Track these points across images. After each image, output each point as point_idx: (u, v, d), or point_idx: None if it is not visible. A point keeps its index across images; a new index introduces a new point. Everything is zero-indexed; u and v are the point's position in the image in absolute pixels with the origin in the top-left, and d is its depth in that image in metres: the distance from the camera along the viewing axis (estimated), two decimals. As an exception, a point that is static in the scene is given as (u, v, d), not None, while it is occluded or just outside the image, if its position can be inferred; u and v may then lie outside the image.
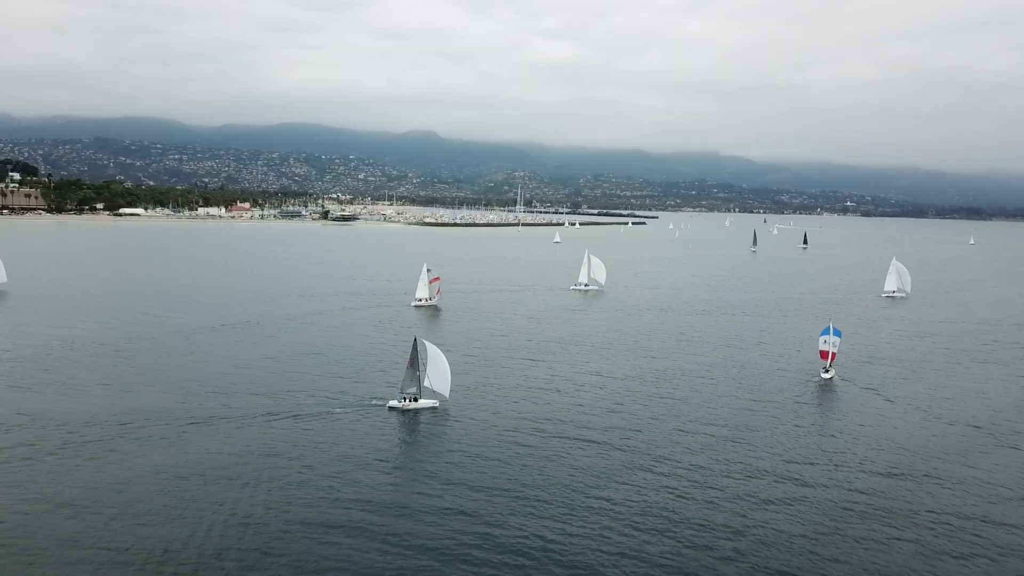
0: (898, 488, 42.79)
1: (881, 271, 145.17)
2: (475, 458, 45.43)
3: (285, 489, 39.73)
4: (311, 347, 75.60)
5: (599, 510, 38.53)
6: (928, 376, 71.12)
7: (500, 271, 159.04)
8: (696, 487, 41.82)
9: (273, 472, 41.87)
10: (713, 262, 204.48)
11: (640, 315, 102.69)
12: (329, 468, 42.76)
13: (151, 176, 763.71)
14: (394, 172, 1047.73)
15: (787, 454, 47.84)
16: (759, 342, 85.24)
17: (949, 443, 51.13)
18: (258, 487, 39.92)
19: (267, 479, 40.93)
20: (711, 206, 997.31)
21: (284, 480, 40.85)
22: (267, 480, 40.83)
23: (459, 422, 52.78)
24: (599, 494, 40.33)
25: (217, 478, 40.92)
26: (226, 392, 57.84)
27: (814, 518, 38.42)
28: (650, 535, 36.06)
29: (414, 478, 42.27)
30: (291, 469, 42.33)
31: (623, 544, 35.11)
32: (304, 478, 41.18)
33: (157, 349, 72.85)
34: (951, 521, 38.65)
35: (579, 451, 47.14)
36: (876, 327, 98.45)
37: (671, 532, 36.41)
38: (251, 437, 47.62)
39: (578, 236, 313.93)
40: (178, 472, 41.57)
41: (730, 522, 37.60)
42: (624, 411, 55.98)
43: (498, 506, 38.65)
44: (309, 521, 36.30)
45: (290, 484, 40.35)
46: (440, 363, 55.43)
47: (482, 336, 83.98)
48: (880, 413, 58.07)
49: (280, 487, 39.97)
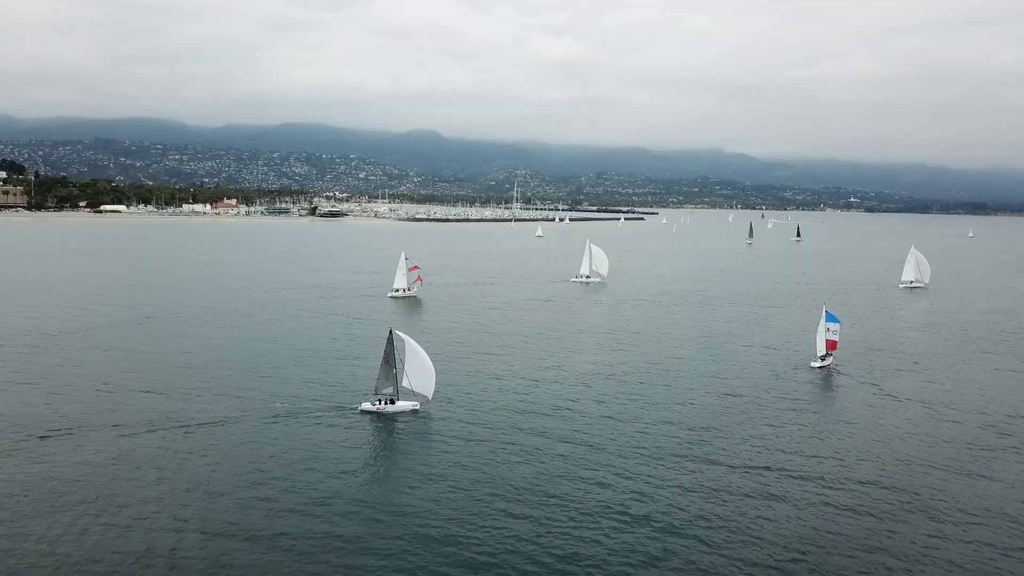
0: (891, 488, 38.91)
1: (872, 259, 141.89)
2: (460, 469, 39.49)
3: (218, 499, 35.05)
4: (269, 343, 70.17)
5: (610, 539, 33.89)
6: (939, 368, 67.21)
7: (481, 263, 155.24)
8: (697, 483, 38.52)
9: (210, 483, 36.88)
10: (709, 254, 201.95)
11: (637, 308, 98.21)
12: (280, 483, 37.08)
13: (151, 176, 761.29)
14: (395, 171, 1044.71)
15: (787, 448, 44.21)
16: (754, 332, 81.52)
17: (961, 440, 47.18)
18: (191, 496, 35.35)
19: (203, 490, 36.10)
20: (713, 203, 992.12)
21: (223, 491, 35.91)
22: (203, 490, 35.97)
23: (442, 428, 46.16)
24: (610, 511, 34.97)
25: (148, 486, 36.57)
26: (164, 393, 52.35)
27: (805, 512, 34.75)
28: (656, 535, 32.90)
29: (382, 498, 35.92)
30: (230, 481, 37.30)
31: (628, 548, 31.52)
32: (246, 493, 35.83)
33: (77, 344, 67.78)
34: (969, 519, 34.76)
35: (585, 460, 41.02)
36: (893, 318, 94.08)
37: (670, 531, 33.17)
38: (191, 445, 42.31)
39: (564, 231, 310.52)
40: (112, 476, 37.64)
41: (728, 515, 34.70)
42: (622, 407, 51.55)
43: (488, 533, 32.46)
44: (256, 534, 31.90)
45: (219, 494, 35.62)
46: (421, 360, 49.34)
47: (466, 329, 79.30)
48: (893, 407, 54.16)
49: (218, 498, 35.17)
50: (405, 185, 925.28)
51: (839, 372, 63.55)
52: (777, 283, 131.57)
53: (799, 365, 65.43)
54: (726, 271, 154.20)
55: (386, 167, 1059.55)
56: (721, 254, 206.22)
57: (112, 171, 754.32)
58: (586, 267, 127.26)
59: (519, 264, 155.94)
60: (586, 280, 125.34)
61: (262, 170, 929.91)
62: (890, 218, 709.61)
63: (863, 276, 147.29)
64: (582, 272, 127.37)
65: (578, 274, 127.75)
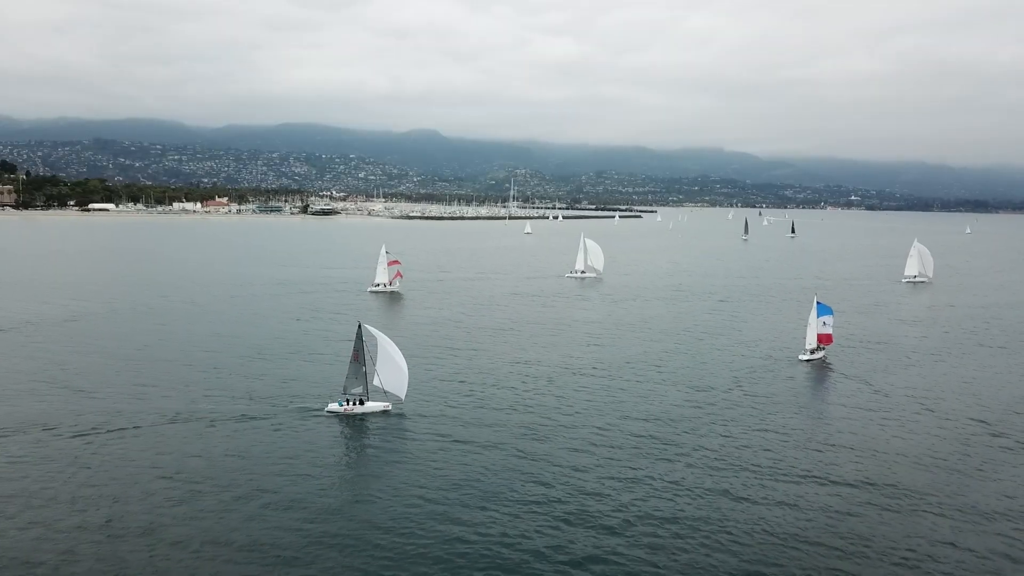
0: (882, 491, 37.53)
1: (872, 255, 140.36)
2: (433, 475, 36.66)
3: (172, 507, 33.15)
4: (233, 340, 67.49)
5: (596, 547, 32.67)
6: (933, 364, 65.75)
7: (468, 260, 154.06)
8: (677, 484, 37.05)
9: (164, 488, 34.86)
10: (703, 250, 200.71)
11: (627, 303, 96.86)
12: (234, 490, 34.56)
13: (150, 177, 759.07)
14: (395, 171, 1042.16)
15: (759, 445, 42.96)
16: (743, 326, 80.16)
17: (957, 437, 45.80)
18: (142, 503, 33.34)
19: (155, 494, 34.28)
20: (714, 201, 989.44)
21: (175, 498, 33.85)
22: (155, 495, 34.08)
23: (415, 430, 43.42)
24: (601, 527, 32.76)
25: (97, 488, 34.94)
26: (113, 392, 49.71)
27: (798, 511, 33.33)
28: (637, 536, 31.42)
29: (343, 508, 33.14)
30: (175, 489, 34.93)
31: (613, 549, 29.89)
32: (198, 502, 33.54)
33: (24, 340, 65.95)
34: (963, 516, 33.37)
35: (567, 462, 38.76)
36: (891, 313, 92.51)
37: (658, 532, 31.79)
38: (138, 447, 40.41)
39: (555, 228, 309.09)
40: (55, 479, 36.09)
41: (710, 517, 33.11)
42: (603, 404, 49.96)
43: (464, 549, 29.87)
44: (206, 543, 29.87)
45: (176, 501, 33.63)
46: (393, 358, 46.56)
47: (447, 326, 77.17)
48: (878, 403, 52.81)
49: (171, 504, 33.24)
50: (405, 184, 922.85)
51: (829, 366, 62.10)
52: (770, 278, 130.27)
53: (787, 359, 64.09)
54: (720, 266, 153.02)
55: (386, 167, 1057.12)
56: (716, 250, 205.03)
57: (111, 171, 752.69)
58: (581, 262, 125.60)
59: (508, 261, 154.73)
60: (581, 276, 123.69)
61: (261, 170, 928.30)
62: (890, 216, 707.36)
63: (863, 271, 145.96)
64: (577, 268, 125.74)
65: (573, 270, 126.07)
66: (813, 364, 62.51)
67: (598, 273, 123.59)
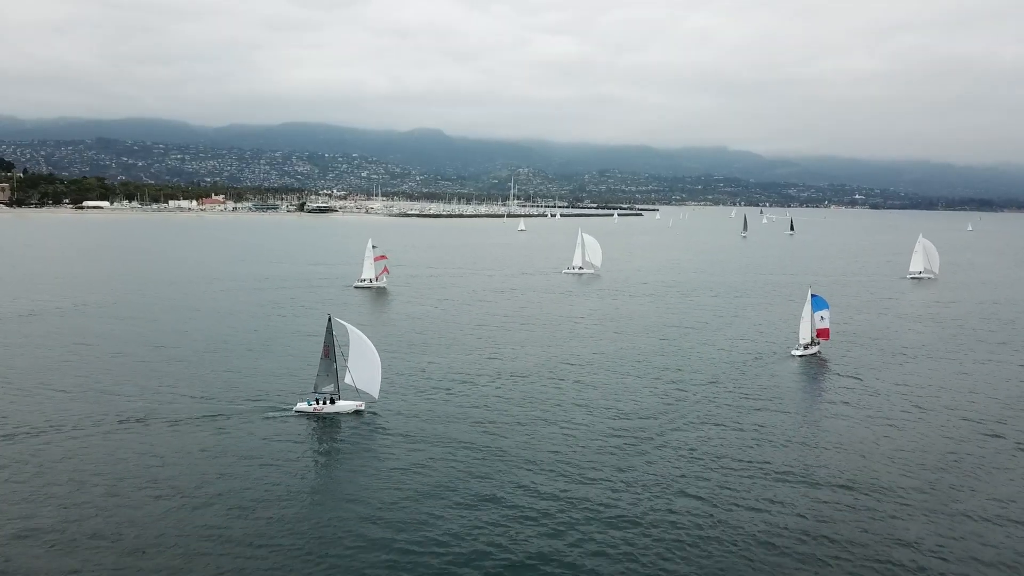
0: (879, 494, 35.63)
1: (873, 252, 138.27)
2: (404, 479, 34.26)
3: (121, 511, 31.24)
4: (204, 337, 65.09)
5: None
6: (930, 361, 63.74)
7: (458, 256, 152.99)
8: (668, 485, 35.47)
9: (106, 493, 32.87)
10: (701, 247, 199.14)
11: (620, 299, 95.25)
12: (192, 495, 32.51)
13: (153, 176, 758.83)
14: (397, 170, 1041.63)
15: (739, 443, 41.18)
16: (734, 321, 78.29)
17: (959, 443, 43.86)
18: (80, 509, 31.82)
19: (96, 499, 32.50)
20: (717, 200, 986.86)
21: (125, 503, 31.82)
22: (95, 500, 32.25)
23: (388, 431, 40.98)
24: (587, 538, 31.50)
25: (32, 489, 33.52)
26: (69, 391, 47.52)
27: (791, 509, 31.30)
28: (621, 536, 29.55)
29: (302, 514, 31.12)
30: (135, 494, 32.94)
31: None
32: (153, 508, 31.56)
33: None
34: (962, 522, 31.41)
35: (543, 463, 36.88)
36: (891, 309, 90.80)
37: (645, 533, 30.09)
38: (85, 447, 38.58)
39: (551, 226, 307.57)
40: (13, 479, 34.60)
41: (673, 519, 31.44)
42: (581, 403, 48.04)
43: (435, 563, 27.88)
44: (160, 550, 28.27)
45: (126, 506, 31.63)
46: (366, 354, 44.08)
47: (430, 322, 75.47)
48: (867, 402, 50.90)
49: (119, 509, 31.25)
50: (407, 184, 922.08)
51: (822, 363, 60.29)
52: (765, 274, 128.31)
53: (778, 354, 62.16)
54: (715, 263, 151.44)
55: (388, 166, 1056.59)
56: (714, 247, 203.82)
57: (114, 171, 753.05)
58: (579, 258, 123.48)
59: (496, 257, 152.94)
60: (579, 272, 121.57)
61: (264, 169, 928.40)
62: (894, 214, 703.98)
63: (864, 268, 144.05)
64: (575, 263, 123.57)
65: (570, 265, 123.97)
66: (805, 359, 60.60)
67: (596, 269, 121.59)
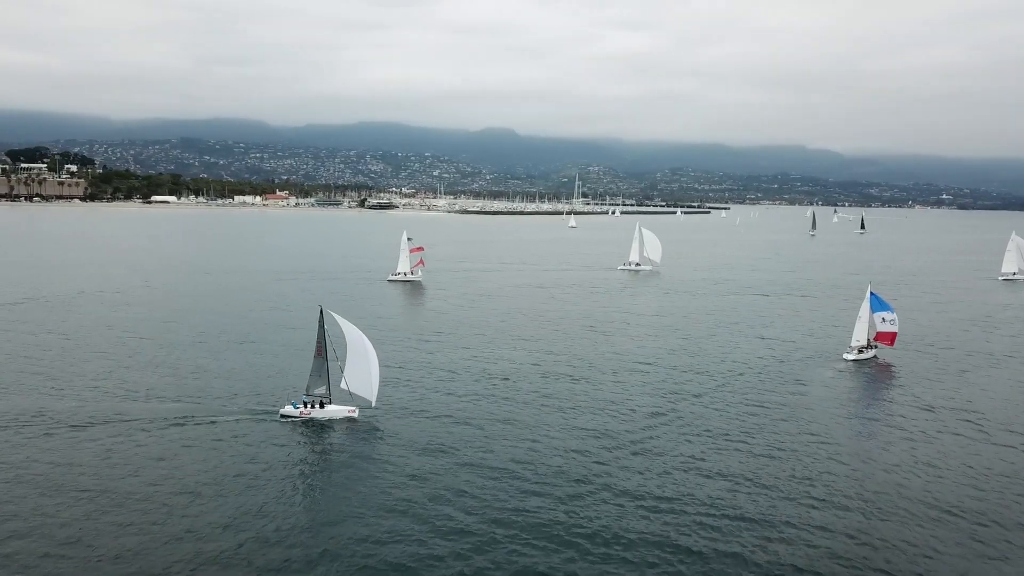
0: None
1: (942, 252, 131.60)
2: (396, 508, 29.75)
3: (84, 521, 28.48)
4: (217, 335, 61.26)
5: None
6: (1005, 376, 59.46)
7: (503, 252, 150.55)
8: (642, 489, 33.77)
9: (71, 501, 30.19)
10: (767, 245, 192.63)
11: (675, 296, 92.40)
12: (151, 508, 29.46)
13: (232, 174, 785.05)
14: (468, 169, 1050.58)
15: (763, 453, 39.15)
16: (787, 322, 75.46)
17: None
18: (46, 516, 29.02)
19: (56, 507, 29.64)
20: (793, 200, 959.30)
21: (88, 512, 29.31)
22: (56, 508, 29.51)
23: (382, 443, 36.26)
24: None
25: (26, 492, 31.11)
26: (37, 388, 44.62)
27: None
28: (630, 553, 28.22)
29: (285, 532, 27.77)
30: (102, 499, 30.28)
31: None
32: (111, 515, 28.91)
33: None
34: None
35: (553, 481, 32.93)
36: (969, 312, 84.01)
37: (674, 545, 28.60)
38: (55, 448, 35.41)
39: (605, 223, 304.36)
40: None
41: (680, 538, 29.69)
42: (607, 407, 45.44)
43: None
44: None
45: (89, 515, 29.05)
46: (364, 355, 39.04)
47: (459, 321, 70.55)
48: (917, 421, 47.65)
49: (83, 519, 28.75)
50: (478, 182, 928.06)
51: (877, 369, 56.35)
52: (828, 272, 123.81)
53: (829, 357, 59.19)
54: (778, 261, 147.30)
55: (459, 165, 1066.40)
56: (778, 244, 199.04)
57: (197, 169, 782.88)
58: (635, 254, 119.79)
59: (542, 254, 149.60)
60: (636, 268, 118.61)
61: (339, 167, 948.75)
62: (984, 215, 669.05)
63: (947, 268, 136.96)
64: (631, 259, 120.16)
65: (627, 261, 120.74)
66: (858, 364, 57.19)
67: (655, 265, 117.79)
